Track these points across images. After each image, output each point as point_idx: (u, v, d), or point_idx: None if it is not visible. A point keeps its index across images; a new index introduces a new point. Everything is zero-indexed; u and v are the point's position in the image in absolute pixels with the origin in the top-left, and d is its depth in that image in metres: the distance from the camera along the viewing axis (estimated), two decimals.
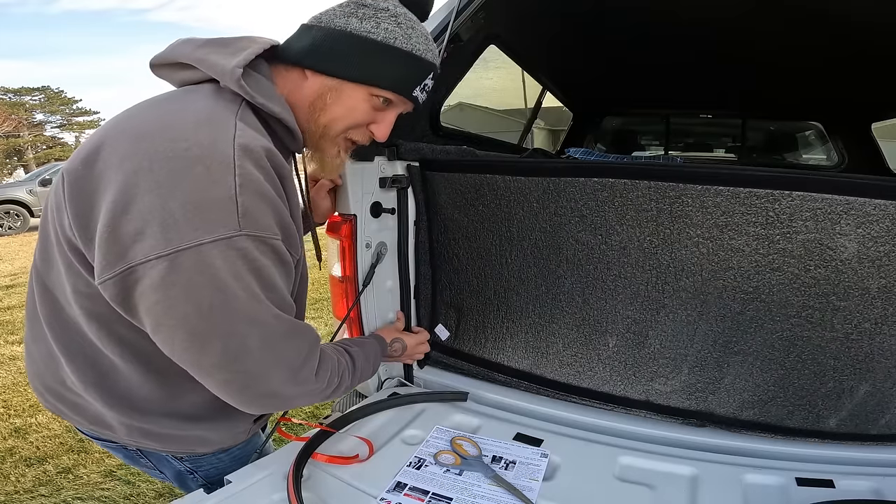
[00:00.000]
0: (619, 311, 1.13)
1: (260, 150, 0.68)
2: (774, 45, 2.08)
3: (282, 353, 0.72)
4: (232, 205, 0.64)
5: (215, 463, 0.93)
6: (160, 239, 0.62)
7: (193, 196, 0.63)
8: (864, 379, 0.98)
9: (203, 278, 0.64)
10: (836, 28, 1.87)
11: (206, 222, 0.63)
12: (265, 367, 0.71)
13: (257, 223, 0.66)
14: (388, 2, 0.82)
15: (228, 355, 0.68)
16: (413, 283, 1.33)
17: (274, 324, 0.70)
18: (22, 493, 1.92)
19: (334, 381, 0.84)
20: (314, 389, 0.79)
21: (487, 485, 0.90)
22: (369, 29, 0.79)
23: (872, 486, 0.89)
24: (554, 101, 3.20)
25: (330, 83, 0.80)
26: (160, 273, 0.63)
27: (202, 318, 0.65)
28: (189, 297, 0.64)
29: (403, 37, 0.81)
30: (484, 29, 1.60)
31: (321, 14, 0.82)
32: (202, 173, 0.64)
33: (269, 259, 0.69)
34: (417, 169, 1.26)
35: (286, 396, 0.75)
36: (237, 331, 0.67)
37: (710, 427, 1.08)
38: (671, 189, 1.00)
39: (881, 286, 0.91)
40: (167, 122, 0.68)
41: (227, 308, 0.66)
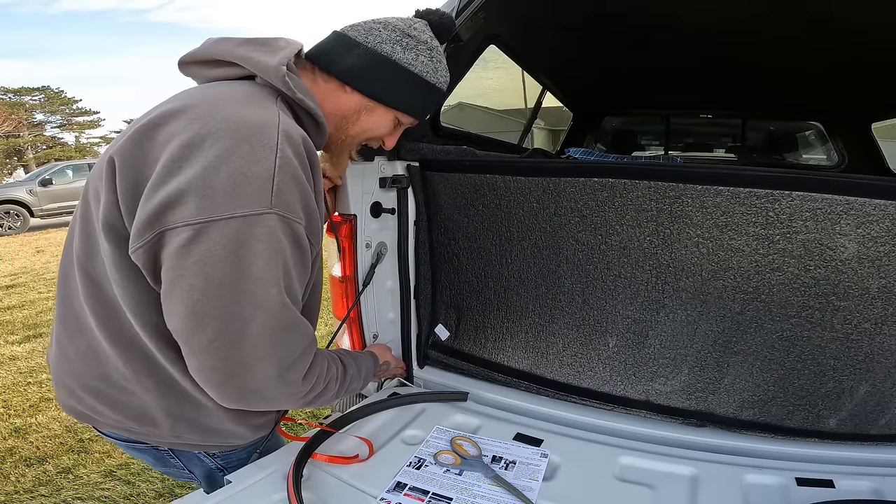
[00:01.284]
0: (619, 311, 1.13)
1: (299, 138, 0.73)
2: (774, 45, 2.08)
3: (277, 346, 0.71)
4: (269, 183, 0.67)
5: (244, 458, 0.94)
6: (194, 208, 0.65)
7: (236, 171, 0.66)
8: (864, 379, 0.98)
9: (224, 252, 0.65)
10: (837, 29, 1.88)
11: (242, 197, 0.66)
12: (256, 359, 0.69)
13: (287, 205, 0.69)
14: (425, 33, 0.90)
15: (223, 338, 0.67)
16: (413, 283, 1.33)
17: (278, 312, 0.70)
18: (22, 493, 1.92)
19: (319, 388, 0.82)
20: (298, 392, 0.77)
21: (487, 485, 0.90)
22: (410, 60, 0.87)
23: (872, 486, 0.89)
24: (554, 101, 3.19)
25: (366, 103, 0.89)
26: (182, 241, 0.65)
27: (209, 293, 0.65)
28: (202, 269, 0.65)
29: (433, 70, 0.90)
30: (484, 29, 1.60)
31: (366, 33, 0.87)
32: (248, 151, 0.67)
33: (291, 243, 0.71)
34: (417, 169, 1.26)
35: (268, 396, 0.73)
36: (240, 313, 0.67)
37: (710, 427, 1.08)
38: (671, 189, 1.00)
39: (881, 286, 0.91)
40: (219, 105, 0.72)
41: (237, 287, 0.66)
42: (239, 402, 0.73)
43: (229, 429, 0.86)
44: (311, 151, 0.76)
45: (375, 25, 0.87)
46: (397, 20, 0.89)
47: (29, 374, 3.02)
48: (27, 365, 3.16)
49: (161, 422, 0.82)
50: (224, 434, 0.87)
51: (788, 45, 2.06)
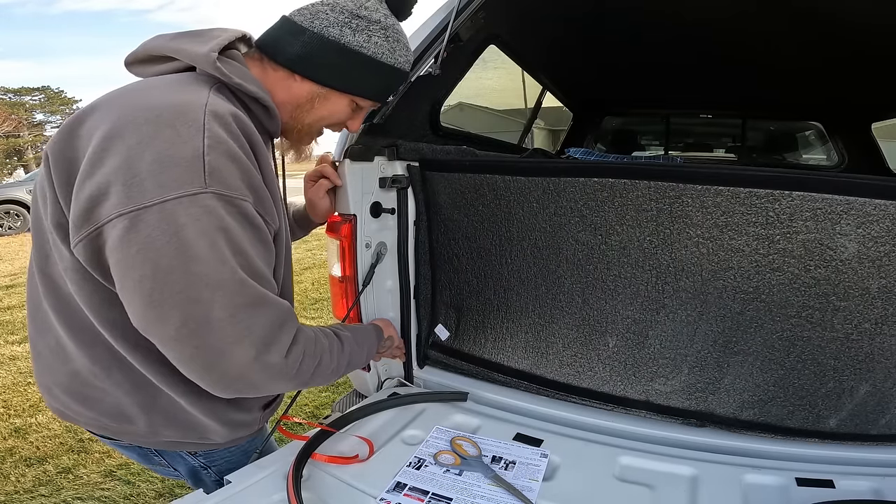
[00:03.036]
0: (619, 311, 1.13)
1: (228, 115, 0.70)
2: (774, 45, 2.08)
3: (248, 326, 0.67)
4: (199, 163, 0.64)
5: (227, 457, 0.93)
6: (123, 197, 0.63)
7: (160, 155, 0.64)
8: (865, 379, 0.97)
9: (164, 237, 0.62)
10: (836, 28, 1.87)
11: (171, 179, 0.63)
12: (229, 342, 0.66)
13: (225, 182, 0.66)
14: (378, 12, 0.85)
15: (189, 326, 0.64)
16: (413, 283, 1.33)
17: (239, 290, 0.66)
18: (22, 493, 1.92)
19: (310, 364, 0.77)
20: (286, 371, 0.73)
21: (487, 485, 0.90)
22: (361, 43, 0.84)
23: (872, 486, 0.89)
24: (554, 101, 3.19)
25: (319, 90, 0.86)
26: (120, 232, 0.63)
27: (160, 281, 0.63)
28: (147, 257, 0.62)
29: (389, 51, 0.87)
30: (484, 29, 1.60)
31: (312, 17, 0.83)
32: (171, 135, 0.65)
33: (237, 221, 0.68)
34: (417, 169, 1.26)
35: (255, 380, 0.70)
36: (199, 297, 0.64)
37: (710, 427, 1.08)
38: (671, 189, 1.00)
39: (881, 286, 0.91)
40: (143, 95, 0.70)
41: (187, 271, 0.63)
42: (229, 390, 0.70)
43: (204, 423, 0.84)
44: (247, 129, 0.73)
45: (322, 8, 0.84)
46: (346, 0, 0.85)
47: (29, 374, 3.02)
48: (27, 365, 3.16)
49: (136, 418, 0.81)
50: (200, 430, 0.85)
51: (788, 44, 2.06)
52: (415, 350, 1.37)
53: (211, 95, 0.71)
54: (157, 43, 0.79)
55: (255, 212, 0.71)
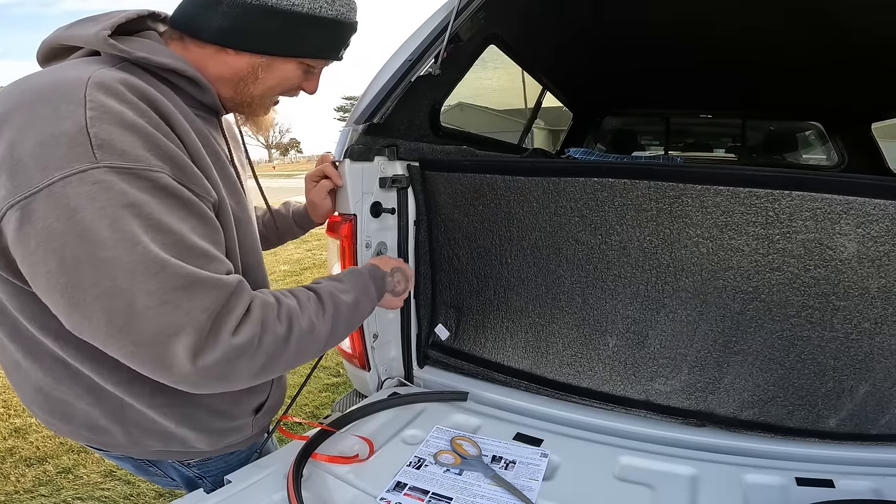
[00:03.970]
0: (619, 311, 1.13)
1: (117, 83, 0.61)
2: (774, 45, 2.09)
3: (185, 310, 0.58)
4: (83, 137, 0.57)
5: (223, 467, 0.91)
6: (10, 187, 0.56)
7: (41, 136, 0.57)
8: (864, 379, 0.98)
9: (60, 224, 0.55)
10: (836, 29, 1.88)
11: (55, 159, 0.56)
12: (168, 333, 0.57)
13: (122, 154, 0.58)
14: None
15: (116, 322, 0.56)
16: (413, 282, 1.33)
17: (161, 273, 0.57)
18: (22, 493, 1.92)
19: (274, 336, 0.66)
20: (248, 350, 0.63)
21: (487, 485, 0.90)
22: (292, 1, 0.74)
23: (872, 486, 0.89)
24: (554, 101, 3.19)
25: (259, 60, 0.78)
26: (14, 226, 0.56)
27: (70, 275, 0.56)
28: (49, 249, 0.56)
29: (328, 3, 0.77)
30: (484, 29, 1.60)
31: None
32: (48, 113, 0.58)
33: (150, 194, 0.59)
34: (417, 169, 1.26)
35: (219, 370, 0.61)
36: (116, 287, 0.56)
37: (710, 427, 1.08)
38: (671, 189, 1.00)
39: (881, 286, 0.91)
40: (32, 79, 0.64)
41: (95, 258, 0.56)
42: (197, 387, 0.62)
43: (181, 434, 0.79)
44: (149, 96, 0.64)
45: None
46: None
47: None
48: None
49: (111, 429, 0.76)
50: (179, 439, 0.80)
51: (788, 44, 2.06)
52: (415, 350, 1.37)
53: (102, 69, 0.63)
54: (54, 34, 0.73)
55: (174, 182, 0.62)
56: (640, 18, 1.98)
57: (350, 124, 1.16)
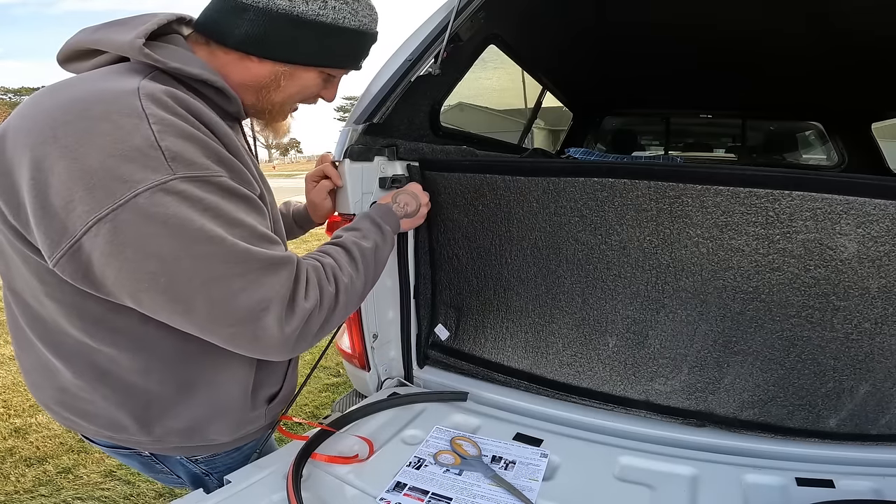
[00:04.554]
0: (619, 311, 1.13)
1: (164, 95, 0.65)
2: (775, 45, 2.09)
3: (268, 287, 0.66)
4: (156, 151, 0.60)
5: (229, 463, 0.92)
6: (91, 202, 0.58)
7: (110, 150, 0.59)
8: (865, 379, 0.98)
9: (154, 228, 0.59)
10: (836, 29, 1.88)
11: (132, 173, 0.59)
12: (258, 307, 0.65)
13: (191, 164, 0.62)
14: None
15: (218, 305, 0.63)
16: (413, 283, 1.33)
17: (248, 259, 0.64)
18: (22, 493, 1.92)
19: (328, 289, 0.74)
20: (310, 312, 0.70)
21: (487, 485, 0.90)
22: (317, 11, 0.75)
23: (872, 486, 0.89)
24: (554, 101, 3.19)
25: (282, 69, 0.80)
26: (106, 238, 0.59)
27: (171, 272, 0.61)
28: (148, 252, 0.60)
29: (351, 13, 0.79)
30: (484, 29, 1.60)
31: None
32: (111, 128, 0.60)
33: (220, 196, 0.65)
34: (417, 169, 1.26)
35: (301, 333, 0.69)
36: (215, 275, 0.62)
37: (710, 427, 1.08)
38: (671, 189, 1.00)
39: (881, 286, 0.91)
40: (66, 92, 0.65)
41: (193, 254, 0.61)
42: (285, 351, 0.70)
43: (203, 426, 0.83)
44: (192, 107, 0.67)
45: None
46: None
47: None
48: None
49: (132, 427, 0.79)
50: (202, 431, 0.83)
51: (788, 45, 2.06)
52: (415, 350, 1.37)
53: (144, 81, 0.65)
54: (80, 37, 0.73)
55: (233, 183, 0.68)
56: (640, 18, 1.98)
57: (350, 124, 1.16)
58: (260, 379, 0.89)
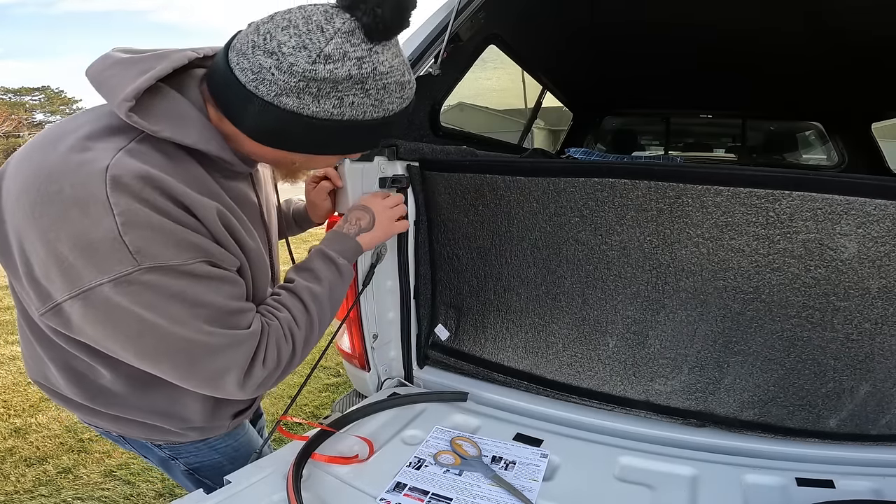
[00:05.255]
0: (619, 311, 1.13)
1: (134, 180, 0.62)
2: (774, 45, 2.09)
3: (228, 359, 0.71)
4: (119, 245, 0.61)
5: (193, 451, 0.95)
6: (65, 282, 0.62)
7: (78, 241, 0.61)
8: (865, 379, 0.98)
9: (119, 312, 0.63)
10: (836, 29, 1.88)
11: (98, 263, 0.61)
12: (218, 374, 0.71)
13: (156, 255, 0.63)
14: (345, 61, 0.64)
15: (180, 369, 0.69)
16: (413, 283, 1.33)
17: (210, 340, 0.68)
18: (22, 493, 1.92)
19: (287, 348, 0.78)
20: (270, 372, 0.76)
21: (487, 485, 0.90)
22: (330, 110, 0.67)
23: (872, 486, 0.89)
24: (554, 101, 3.20)
25: (297, 157, 0.76)
26: (80, 311, 0.64)
27: (138, 342, 0.66)
28: (117, 327, 0.65)
29: (375, 104, 0.69)
30: (484, 29, 1.60)
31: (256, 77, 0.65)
32: (78, 217, 0.61)
33: (188, 280, 0.66)
34: (417, 169, 1.26)
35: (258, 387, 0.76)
36: (177, 348, 0.67)
37: (710, 427, 1.08)
38: (671, 189, 1.00)
39: (881, 286, 0.91)
40: (45, 162, 0.64)
41: (157, 333, 0.65)
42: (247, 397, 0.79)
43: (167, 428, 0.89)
44: (162, 186, 0.64)
45: (266, 63, 0.64)
46: (295, 46, 0.63)
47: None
48: None
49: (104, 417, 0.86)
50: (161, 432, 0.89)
51: (788, 44, 2.06)
52: (415, 350, 1.37)
53: (118, 155, 0.63)
54: (95, 70, 0.68)
55: (205, 266, 0.68)
56: (640, 18, 1.98)
57: None
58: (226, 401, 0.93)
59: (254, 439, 1.07)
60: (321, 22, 0.64)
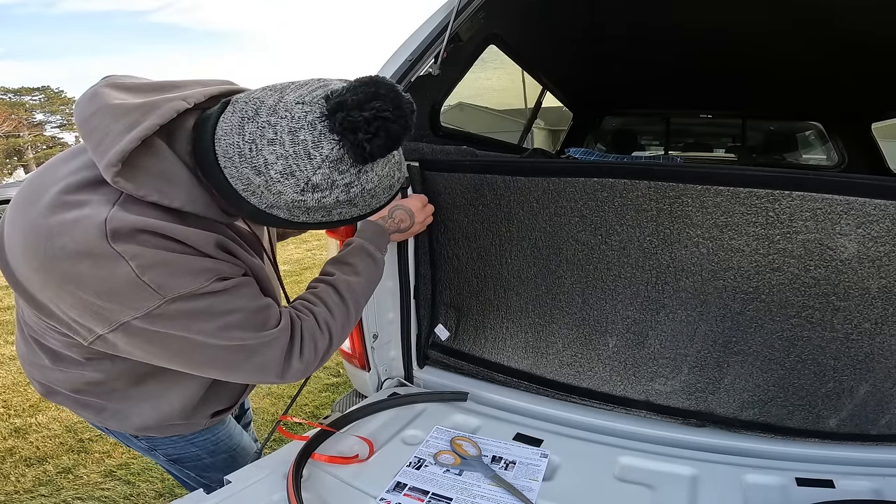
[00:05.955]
0: (619, 311, 1.13)
1: (134, 233, 0.63)
2: (774, 45, 2.09)
3: (265, 359, 0.75)
4: (141, 286, 0.64)
5: (170, 444, 0.97)
6: (99, 321, 0.67)
7: (99, 289, 0.64)
8: (865, 379, 0.98)
9: (159, 337, 0.68)
10: (837, 29, 1.88)
11: (126, 303, 0.65)
12: (258, 372, 0.76)
13: (176, 286, 0.65)
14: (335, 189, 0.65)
15: (225, 372, 0.75)
16: (413, 283, 1.33)
17: (242, 345, 0.73)
18: (22, 493, 1.92)
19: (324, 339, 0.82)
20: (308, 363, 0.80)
21: (487, 485, 0.90)
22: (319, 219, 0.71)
23: (872, 486, 0.89)
24: (554, 101, 3.19)
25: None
26: (123, 340, 0.68)
27: (182, 357, 0.72)
28: (160, 349, 0.70)
29: (364, 208, 0.72)
30: (484, 29, 1.60)
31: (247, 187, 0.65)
32: (89, 269, 0.63)
33: (211, 298, 0.69)
34: (417, 169, 1.26)
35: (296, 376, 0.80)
36: (217, 357, 0.72)
37: (710, 427, 1.08)
38: (671, 189, 1.00)
39: (881, 286, 0.91)
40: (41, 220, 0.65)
41: (196, 347, 0.70)
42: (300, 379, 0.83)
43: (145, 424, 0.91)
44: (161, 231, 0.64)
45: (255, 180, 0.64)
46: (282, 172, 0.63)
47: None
48: None
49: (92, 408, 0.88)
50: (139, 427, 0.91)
51: (788, 44, 2.06)
52: (415, 350, 1.37)
53: (113, 210, 0.63)
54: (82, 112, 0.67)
55: (220, 282, 0.70)
56: (640, 19, 1.98)
57: None
58: (208, 396, 0.94)
59: (235, 433, 1.07)
60: (308, 145, 0.62)
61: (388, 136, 0.63)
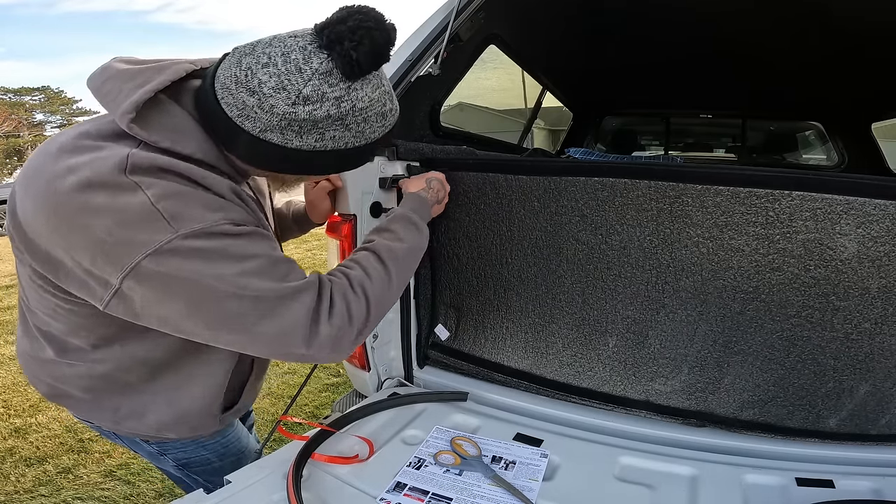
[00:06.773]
0: (619, 311, 1.13)
1: (153, 168, 0.66)
2: (774, 45, 2.09)
3: (288, 318, 0.69)
4: (154, 214, 0.64)
5: (181, 448, 0.96)
6: (111, 264, 0.64)
7: (113, 220, 0.63)
8: (865, 379, 0.98)
9: (173, 283, 0.65)
10: (837, 28, 1.88)
11: (138, 236, 0.63)
12: (282, 336, 0.69)
13: (192, 218, 0.65)
14: (324, 101, 0.68)
15: (242, 333, 0.68)
16: (413, 283, 1.33)
17: (264, 295, 0.68)
18: (22, 493, 1.92)
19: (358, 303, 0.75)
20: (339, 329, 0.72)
21: (487, 485, 0.90)
22: (313, 143, 0.71)
23: (872, 486, 0.89)
24: (554, 101, 3.19)
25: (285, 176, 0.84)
26: (138, 291, 0.65)
27: (197, 309, 0.66)
28: (174, 296, 0.66)
29: (357, 135, 0.73)
30: (484, 29, 1.60)
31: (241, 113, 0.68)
32: (107, 198, 0.64)
33: (225, 239, 0.67)
34: (418, 169, 1.26)
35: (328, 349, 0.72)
36: (233, 312, 0.67)
37: (710, 427, 1.08)
38: (671, 189, 1.00)
39: (881, 286, 0.91)
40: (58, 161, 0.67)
41: (209, 298, 0.66)
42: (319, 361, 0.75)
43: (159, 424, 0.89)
44: (176, 169, 0.67)
45: (249, 101, 0.67)
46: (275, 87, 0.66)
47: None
48: None
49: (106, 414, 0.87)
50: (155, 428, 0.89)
51: (788, 44, 2.06)
52: (415, 350, 1.37)
53: (134, 150, 0.67)
54: (96, 83, 0.71)
55: (235, 226, 0.69)
56: (640, 19, 1.98)
57: None
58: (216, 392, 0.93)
59: (242, 436, 1.07)
60: (299, 61, 0.67)
61: (373, 42, 0.66)
